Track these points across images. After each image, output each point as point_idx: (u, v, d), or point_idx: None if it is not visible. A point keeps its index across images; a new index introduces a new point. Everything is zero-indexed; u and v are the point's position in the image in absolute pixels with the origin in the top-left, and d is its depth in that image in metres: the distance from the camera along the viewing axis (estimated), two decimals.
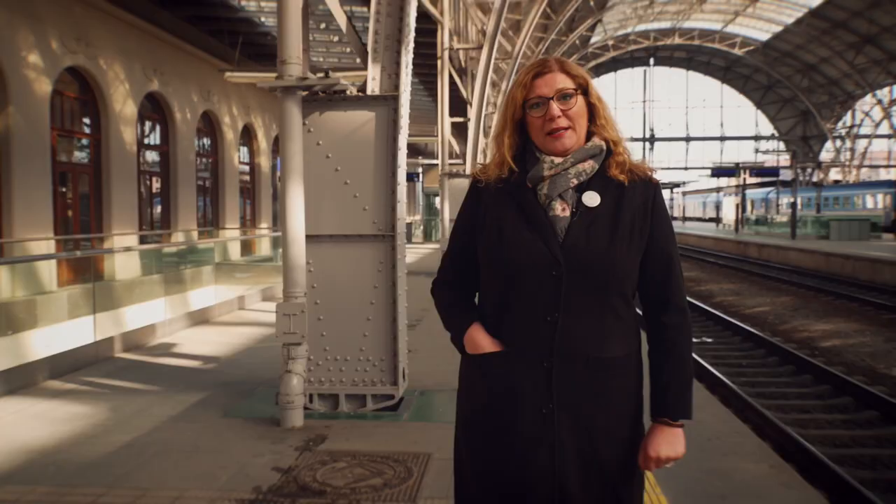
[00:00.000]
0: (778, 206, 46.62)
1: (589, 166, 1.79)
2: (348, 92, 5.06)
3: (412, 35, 5.33)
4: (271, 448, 4.29)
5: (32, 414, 5.13)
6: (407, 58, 5.23)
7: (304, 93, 4.83)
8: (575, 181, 1.77)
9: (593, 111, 1.81)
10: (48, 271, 11.90)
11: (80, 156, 15.79)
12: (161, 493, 3.60)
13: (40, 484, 3.75)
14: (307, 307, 4.75)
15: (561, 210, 1.75)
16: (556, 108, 1.75)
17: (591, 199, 1.76)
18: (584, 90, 1.79)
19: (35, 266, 11.12)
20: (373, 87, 5.16)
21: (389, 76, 5.18)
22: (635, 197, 1.78)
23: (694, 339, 11.24)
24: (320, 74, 4.94)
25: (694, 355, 7.69)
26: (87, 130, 15.78)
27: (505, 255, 1.76)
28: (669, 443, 1.78)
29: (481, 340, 1.83)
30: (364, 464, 4.01)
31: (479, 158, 18.51)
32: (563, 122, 1.75)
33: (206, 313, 9.54)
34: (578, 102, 1.77)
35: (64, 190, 14.61)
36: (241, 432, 4.61)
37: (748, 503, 3.54)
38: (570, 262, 1.70)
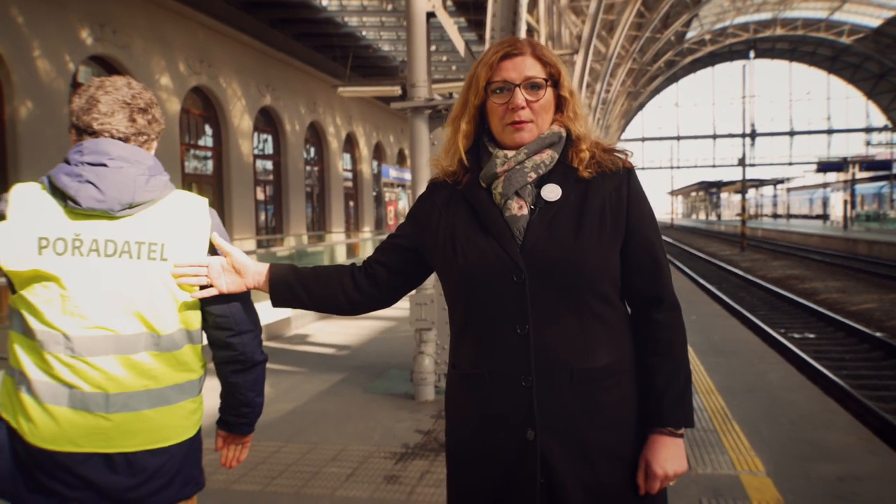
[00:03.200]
0: (892, 200, 44.49)
1: (547, 157, 1.60)
2: None
3: None
4: (410, 416, 5.04)
5: (206, 388, 6.06)
6: None
7: (429, 111, 5.56)
8: (533, 175, 1.58)
9: (562, 104, 1.64)
10: None
11: (204, 167, 17.26)
12: (328, 446, 4.41)
13: None
14: (436, 298, 5.46)
15: (518, 208, 1.56)
16: (521, 97, 1.56)
17: (552, 192, 1.56)
18: (556, 81, 1.62)
19: None
20: None
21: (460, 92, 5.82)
22: (605, 185, 1.57)
23: (796, 335, 11.38)
24: (445, 90, 5.64)
25: (794, 348, 7.95)
26: (209, 144, 17.23)
27: (461, 266, 1.57)
28: (675, 455, 1.57)
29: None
30: None
31: None
32: (525, 115, 1.57)
33: None
34: (546, 95, 1.59)
35: None
36: (382, 404, 5.39)
37: (835, 464, 3.97)
38: (532, 264, 1.51)
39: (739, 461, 4.01)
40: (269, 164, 20.19)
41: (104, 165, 1.67)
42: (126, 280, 1.69)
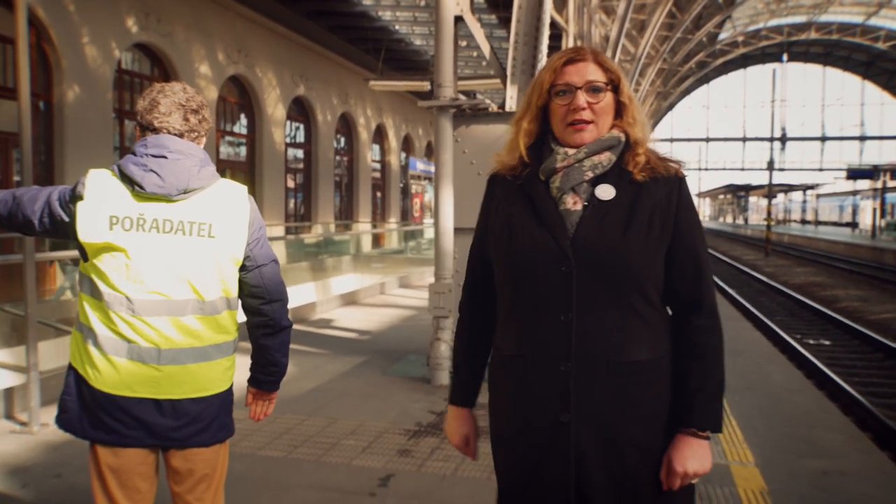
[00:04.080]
0: None
1: (605, 158, 1.68)
2: (490, 109, 6.03)
3: (545, 60, 6.21)
4: (425, 398, 5.36)
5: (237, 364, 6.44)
6: None
7: (454, 110, 5.83)
8: (590, 174, 1.67)
9: (622, 109, 1.72)
10: None
11: (238, 153, 17.70)
12: (347, 422, 4.73)
13: None
14: (453, 287, 5.75)
15: (572, 204, 1.66)
16: (582, 98, 1.66)
17: (606, 191, 1.66)
18: (615, 87, 1.71)
19: None
20: (510, 104, 6.09)
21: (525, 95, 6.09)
22: (656, 190, 1.66)
23: (811, 341, 11.48)
24: (470, 87, 5.91)
25: (804, 351, 8.11)
26: (243, 131, 17.66)
27: (513, 252, 1.68)
28: (698, 456, 1.63)
29: (451, 428, 1.91)
30: None
31: None
32: (586, 115, 1.67)
33: (354, 296, 10.89)
34: (606, 98, 1.69)
35: None
36: (399, 386, 5.71)
37: (822, 460, 4.20)
38: (580, 256, 1.60)
39: (731, 452, 4.26)
40: (300, 153, 20.59)
41: (164, 157, 1.99)
42: (180, 253, 2.02)
